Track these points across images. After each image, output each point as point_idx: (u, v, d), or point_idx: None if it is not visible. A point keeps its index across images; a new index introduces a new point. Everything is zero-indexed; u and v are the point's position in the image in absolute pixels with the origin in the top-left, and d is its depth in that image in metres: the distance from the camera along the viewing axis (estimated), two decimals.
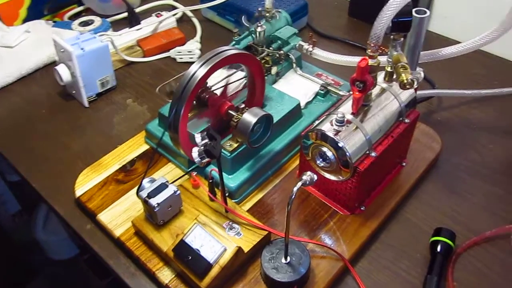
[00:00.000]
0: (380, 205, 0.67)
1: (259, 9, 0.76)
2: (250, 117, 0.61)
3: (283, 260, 0.58)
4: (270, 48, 0.77)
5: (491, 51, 0.95)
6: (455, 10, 0.97)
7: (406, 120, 0.65)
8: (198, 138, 0.56)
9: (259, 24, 0.74)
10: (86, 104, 0.87)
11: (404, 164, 0.72)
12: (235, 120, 0.63)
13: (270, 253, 0.59)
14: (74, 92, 0.88)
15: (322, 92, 0.78)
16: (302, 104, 0.75)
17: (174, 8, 1.09)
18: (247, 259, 0.60)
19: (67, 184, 0.73)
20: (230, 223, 0.61)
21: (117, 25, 1.03)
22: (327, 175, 0.63)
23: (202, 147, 0.55)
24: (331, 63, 0.79)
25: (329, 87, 0.78)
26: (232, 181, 0.67)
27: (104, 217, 0.67)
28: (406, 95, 0.65)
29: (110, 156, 0.76)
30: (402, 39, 0.60)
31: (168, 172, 0.73)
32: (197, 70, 0.60)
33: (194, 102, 0.64)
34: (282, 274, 0.56)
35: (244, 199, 0.68)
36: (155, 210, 0.59)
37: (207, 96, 0.65)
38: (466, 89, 0.83)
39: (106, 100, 0.89)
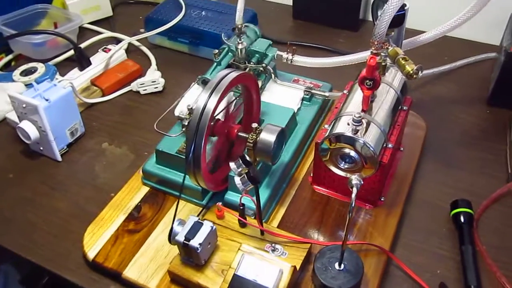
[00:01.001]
0: (395, 192, 0.70)
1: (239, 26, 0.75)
2: (269, 136, 0.61)
3: (337, 267, 0.58)
4: (251, 62, 0.76)
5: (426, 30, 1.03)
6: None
7: (405, 107, 0.69)
8: (234, 167, 0.54)
9: (239, 41, 0.73)
10: (59, 158, 0.79)
11: (402, 149, 0.76)
12: (251, 141, 0.62)
13: (322, 264, 0.58)
14: (41, 148, 0.80)
15: (307, 96, 0.79)
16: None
17: (118, 39, 1.04)
18: (298, 276, 0.60)
19: (71, 248, 0.67)
20: (272, 244, 0.60)
21: (61, 68, 0.96)
22: (350, 176, 0.64)
23: (243, 175, 0.53)
24: (303, 67, 0.80)
25: (312, 91, 0.80)
26: None
27: (130, 273, 0.62)
28: (397, 82, 0.69)
29: (109, 208, 0.70)
30: (393, 33, 0.63)
31: (180, 209, 0.69)
32: (207, 102, 0.57)
33: None
34: (340, 281, 0.57)
35: (269, 217, 0.67)
36: (198, 251, 0.56)
37: (212, 124, 0.63)
38: (427, 68, 0.90)
39: (79, 150, 0.82)
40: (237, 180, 0.53)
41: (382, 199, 0.69)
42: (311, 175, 0.72)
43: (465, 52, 0.97)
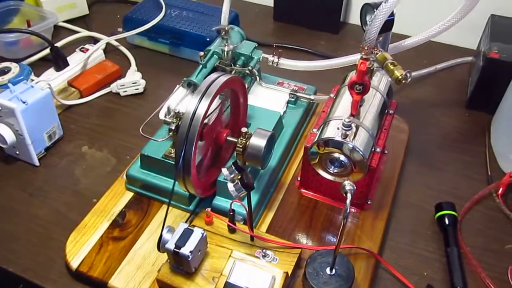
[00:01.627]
0: (381, 195, 0.71)
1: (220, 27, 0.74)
2: (259, 140, 0.60)
3: (328, 272, 0.58)
4: (237, 65, 0.75)
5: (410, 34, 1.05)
6: None
7: (391, 111, 0.70)
8: (226, 173, 0.53)
9: (225, 44, 0.72)
10: (37, 162, 0.76)
11: (386, 152, 0.77)
12: (240, 146, 0.61)
13: (313, 269, 0.58)
14: (17, 153, 0.76)
15: (292, 99, 0.79)
16: None
17: (95, 39, 1.01)
18: (290, 282, 0.59)
19: (53, 257, 0.64)
20: (263, 250, 0.60)
21: (36, 68, 0.92)
22: (339, 180, 0.64)
23: (236, 181, 0.52)
24: (286, 69, 0.80)
25: (298, 94, 0.79)
26: None
27: (117, 282, 0.60)
28: (383, 86, 0.69)
29: (93, 214, 0.68)
30: (380, 38, 0.64)
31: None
32: (198, 107, 0.56)
33: None
34: (332, 286, 0.57)
35: (258, 222, 0.67)
36: (189, 259, 0.55)
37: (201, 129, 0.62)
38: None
39: (58, 153, 0.79)
40: (231, 186, 0.52)
41: (369, 202, 0.69)
42: (298, 179, 0.72)
43: (442, 55, 0.99)
